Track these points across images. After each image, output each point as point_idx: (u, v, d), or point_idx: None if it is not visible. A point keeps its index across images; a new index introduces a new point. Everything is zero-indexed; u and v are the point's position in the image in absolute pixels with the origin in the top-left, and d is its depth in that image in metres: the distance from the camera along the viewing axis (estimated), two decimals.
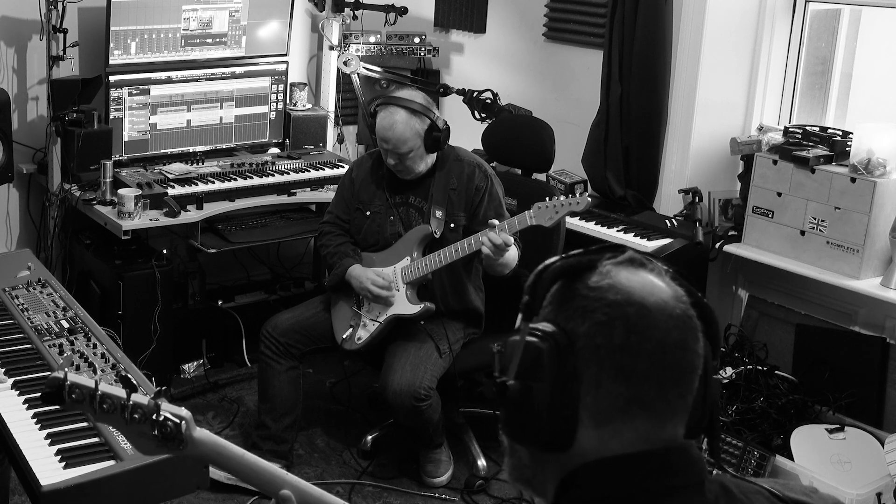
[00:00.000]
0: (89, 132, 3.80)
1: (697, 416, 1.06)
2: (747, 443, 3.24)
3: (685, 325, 1.03)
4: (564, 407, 1.01)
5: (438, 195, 3.30)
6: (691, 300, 1.05)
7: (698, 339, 1.04)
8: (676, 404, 1.03)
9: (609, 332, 1.00)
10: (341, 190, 3.50)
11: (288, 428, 3.42)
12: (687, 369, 1.03)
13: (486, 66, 4.69)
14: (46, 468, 1.99)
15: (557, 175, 4.09)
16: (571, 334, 1.02)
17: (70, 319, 2.64)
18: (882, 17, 3.88)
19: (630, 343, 1.00)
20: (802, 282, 3.60)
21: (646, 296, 1.02)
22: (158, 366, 3.67)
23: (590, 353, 1.01)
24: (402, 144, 3.21)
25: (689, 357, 1.03)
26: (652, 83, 3.89)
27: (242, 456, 1.25)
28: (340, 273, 3.35)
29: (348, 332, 3.36)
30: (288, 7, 4.39)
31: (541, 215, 3.06)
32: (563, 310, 1.04)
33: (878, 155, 3.32)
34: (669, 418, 1.02)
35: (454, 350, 3.30)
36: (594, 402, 1.01)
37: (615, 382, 1.00)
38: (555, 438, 1.02)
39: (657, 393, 1.01)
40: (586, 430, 1.01)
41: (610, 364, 1.00)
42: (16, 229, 4.12)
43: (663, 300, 1.02)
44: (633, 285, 1.03)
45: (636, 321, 1.00)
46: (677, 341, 1.02)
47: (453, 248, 3.19)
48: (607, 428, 1.01)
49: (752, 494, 1.08)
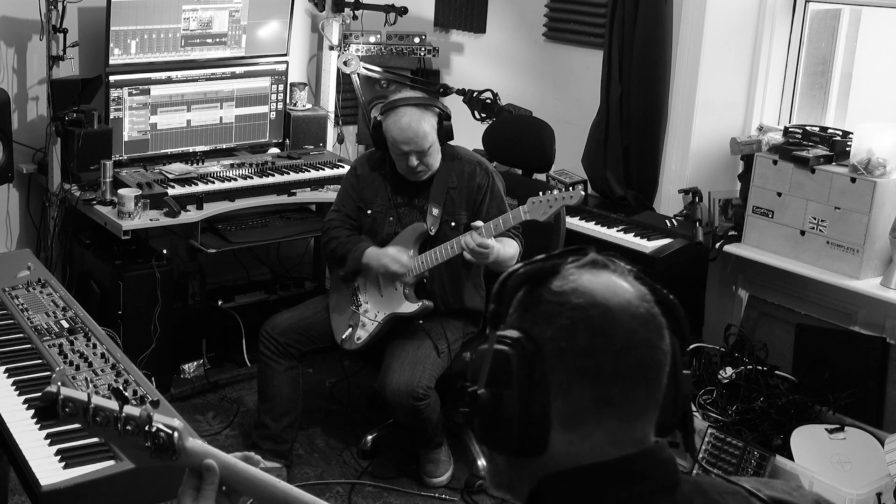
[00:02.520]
0: (89, 132, 3.80)
1: (669, 413, 1.07)
2: (747, 443, 3.24)
3: (649, 324, 1.04)
4: (535, 412, 1.02)
5: (436, 193, 3.30)
6: (655, 298, 1.06)
7: (663, 336, 1.05)
8: (645, 403, 1.04)
9: (573, 336, 1.01)
10: (346, 188, 3.48)
11: (288, 428, 3.42)
12: (653, 367, 1.04)
13: (486, 66, 4.69)
14: (46, 468, 1.99)
15: (557, 175, 4.09)
16: (538, 340, 1.03)
17: (70, 319, 2.64)
18: (882, 17, 3.88)
19: (595, 345, 1.01)
20: (802, 282, 3.60)
21: (609, 297, 1.03)
22: (158, 366, 3.67)
23: (556, 357, 1.02)
24: (423, 141, 3.20)
25: (654, 355, 1.04)
26: (652, 83, 3.90)
27: (235, 465, 1.26)
28: (358, 256, 3.31)
29: (347, 332, 3.36)
30: (288, 7, 4.39)
31: (535, 210, 3.07)
32: (528, 316, 1.05)
33: (878, 155, 3.32)
34: (638, 417, 1.03)
35: (453, 349, 3.30)
36: (564, 405, 1.02)
37: (583, 385, 1.01)
38: (528, 444, 1.03)
39: (625, 393, 1.02)
40: (558, 433, 1.02)
41: (576, 367, 1.01)
42: (16, 229, 4.12)
43: (626, 300, 1.03)
44: (596, 287, 1.04)
45: (600, 323, 1.01)
46: (642, 340, 1.03)
47: (440, 249, 3.20)
48: (578, 431, 1.02)
49: (728, 495, 1.08)
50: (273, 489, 1.26)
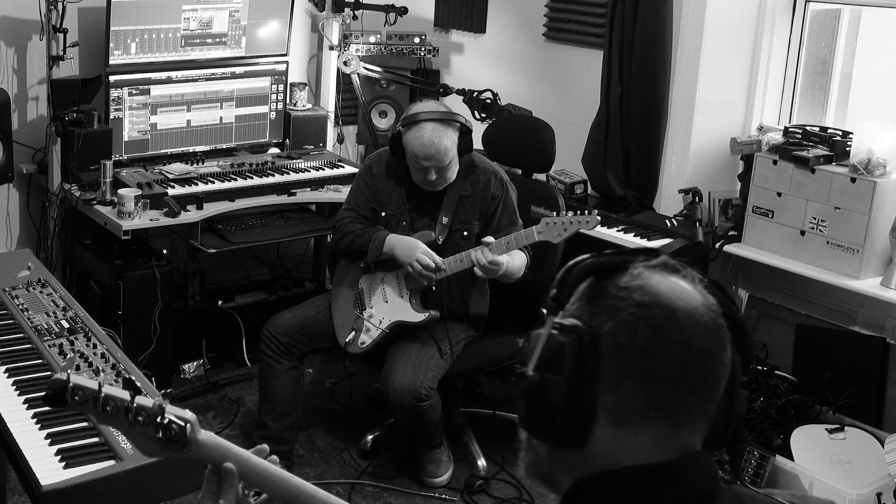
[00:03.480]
0: (89, 132, 3.80)
1: (720, 429, 1.05)
2: (747, 443, 3.24)
3: (712, 334, 1.02)
4: (582, 403, 1.01)
5: (449, 201, 3.29)
6: (723, 310, 1.04)
7: (725, 348, 1.03)
8: (695, 411, 1.02)
9: (633, 332, 1.00)
10: (360, 186, 3.42)
11: (288, 428, 3.42)
12: (709, 377, 1.02)
13: (486, 66, 4.69)
14: (46, 468, 1.99)
15: (557, 175, 4.09)
16: (596, 331, 1.01)
17: (70, 319, 2.64)
18: (882, 17, 3.88)
19: (653, 345, 0.99)
20: (802, 282, 3.60)
21: (674, 300, 1.01)
22: (158, 366, 3.67)
23: (612, 351, 1.00)
24: (445, 157, 3.18)
25: (712, 365, 1.02)
26: (652, 83, 3.90)
27: (248, 458, 1.24)
28: (379, 243, 3.24)
29: (351, 335, 3.35)
30: (288, 7, 4.39)
31: (548, 231, 3.05)
32: (589, 307, 1.03)
33: (878, 155, 3.32)
34: (686, 425, 1.02)
35: (455, 351, 3.30)
36: (613, 401, 1.00)
37: (635, 383, 1.00)
38: (570, 434, 1.02)
39: (676, 397, 1.00)
40: (603, 428, 1.01)
41: (631, 364, 1.00)
42: (16, 229, 4.12)
43: (692, 306, 1.02)
44: (663, 289, 1.02)
45: (661, 323, 1.00)
46: (702, 348, 1.01)
47: (450, 261, 3.19)
48: (624, 428, 1.01)
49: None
50: (287, 484, 1.25)
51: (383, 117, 4.64)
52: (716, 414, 1.03)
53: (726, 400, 1.04)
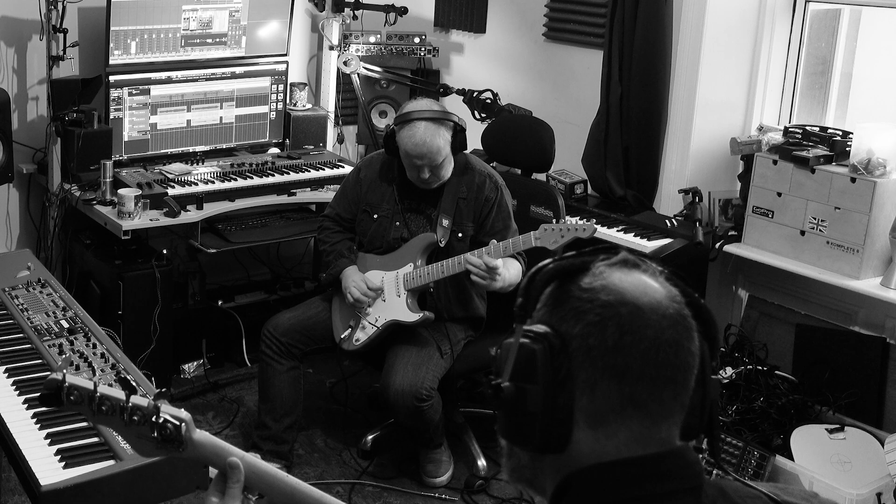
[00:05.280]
0: (89, 132, 3.80)
1: (696, 417, 1.06)
2: (747, 443, 3.24)
3: (679, 325, 1.03)
4: (559, 408, 1.01)
5: (447, 204, 3.29)
6: (686, 300, 1.05)
7: (693, 338, 1.04)
8: (671, 404, 1.03)
9: (602, 333, 1.01)
10: (346, 188, 3.48)
11: (288, 428, 3.42)
12: (681, 368, 1.03)
13: (486, 66, 4.69)
14: (46, 468, 1.99)
15: (557, 175, 4.09)
16: (565, 336, 1.02)
17: (70, 319, 2.64)
18: (882, 17, 3.88)
19: (623, 343, 1.00)
20: (802, 282, 3.60)
21: (639, 296, 1.02)
22: (158, 366, 3.67)
23: (583, 354, 1.01)
24: (437, 156, 3.19)
25: (683, 356, 1.03)
26: (652, 83, 3.90)
27: (243, 458, 1.25)
28: (335, 273, 3.39)
29: (347, 332, 3.36)
30: (288, 7, 4.39)
31: (546, 237, 3.05)
32: (556, 311, 1.04)
33: (878, 155, 3.32)
34: (664, 418, 1.03)
35: (455, 351, 3.30)
36: (589, 402, 1.01)
37: (609, 383, 1.00)
38: (551, 440, 1.02)
39: (651, 392, 1.01)
40: (582, 431, 1.02)
41: (604, 364, 1.00)
42: (16, 229, 4.12)
43: (657, 300, 1.03)
44: (626, 286, 1.03)
45: (629, 321, 1.01)
46: (671, 340, 1.02)
47: (445, 263, 3.19)
48: (603, 429, 1.01)
49: (749, 498, 1.08)
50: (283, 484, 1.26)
51: (383, 117, 4.64)
52: (690, 403, 1.05)
53: (699, 388, 1.05)
